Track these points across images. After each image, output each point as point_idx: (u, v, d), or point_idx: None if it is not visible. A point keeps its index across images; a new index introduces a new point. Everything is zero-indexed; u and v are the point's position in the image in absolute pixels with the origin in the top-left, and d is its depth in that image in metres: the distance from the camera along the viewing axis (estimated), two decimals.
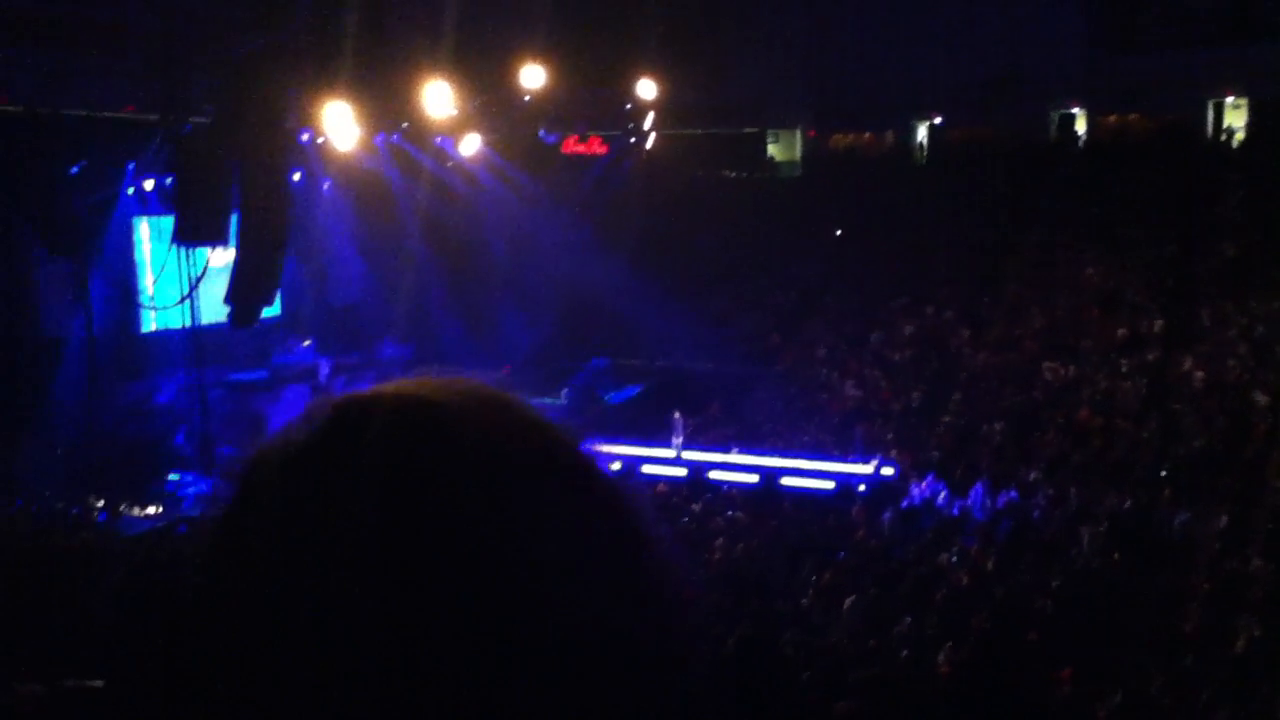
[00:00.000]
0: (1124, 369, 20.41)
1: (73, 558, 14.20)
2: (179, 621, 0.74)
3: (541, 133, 24.79)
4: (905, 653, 11.74)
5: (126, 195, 21.85)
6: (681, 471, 19.24)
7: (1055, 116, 30.82)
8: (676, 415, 20.46)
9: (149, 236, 22.26)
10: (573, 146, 25.64)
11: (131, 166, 21.29)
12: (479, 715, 0.68)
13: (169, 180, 20.44)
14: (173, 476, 19.38)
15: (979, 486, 17.23)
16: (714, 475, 18.97)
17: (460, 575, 0.69)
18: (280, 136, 18.51)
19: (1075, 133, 30.44)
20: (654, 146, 26.03)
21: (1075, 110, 30.64)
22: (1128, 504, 16.14)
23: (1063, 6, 28.91)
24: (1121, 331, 21.53)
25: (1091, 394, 19.94)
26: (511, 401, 0.83)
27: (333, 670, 0.68)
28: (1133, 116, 30.06)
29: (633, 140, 25.74)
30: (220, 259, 19.55)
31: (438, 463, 0.74)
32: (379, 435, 0.75)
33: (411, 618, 0.68)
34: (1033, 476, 17.39)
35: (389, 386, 0.83)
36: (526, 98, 22.78)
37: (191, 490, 18.82)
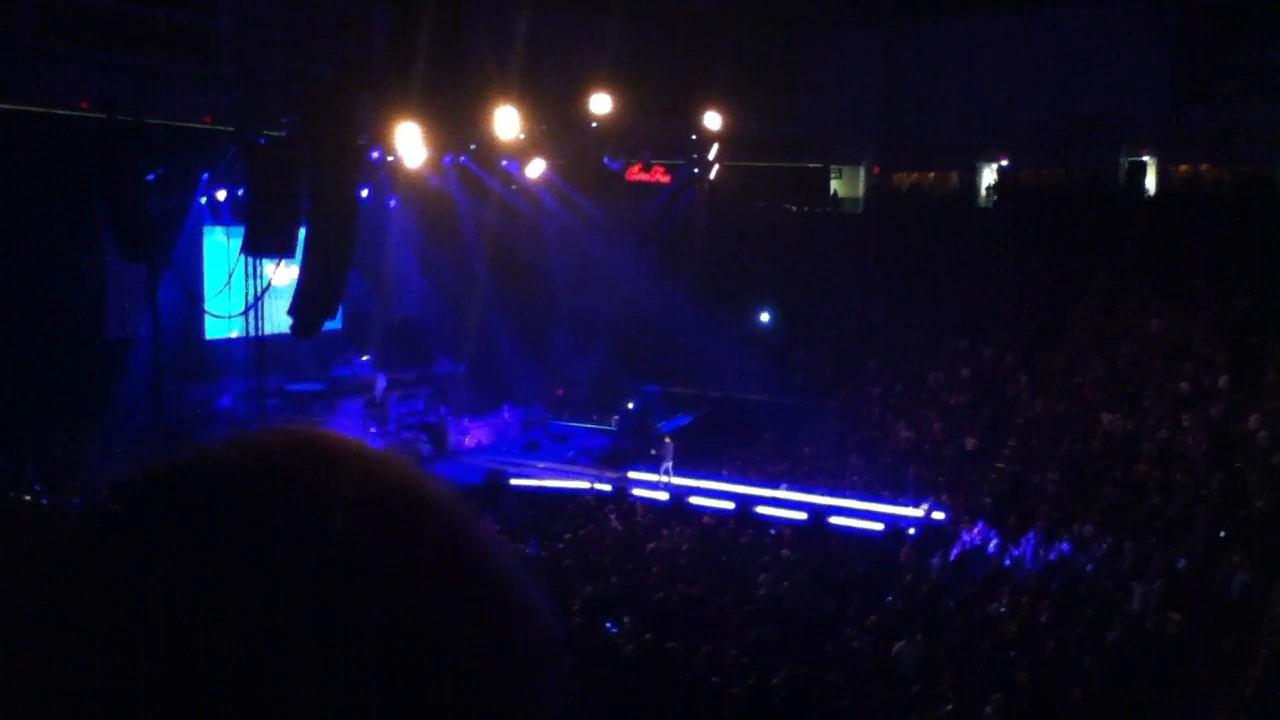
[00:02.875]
0: (1186, 423, 20.02)
1: None
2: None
3: (606, 159, 24.96)
4: (950, 707, 11.57)
5: (199, 204, 22.32)
6: (729, 505, 19.18)
7: (1125, 163, 30.44)
8: (666, 440, 20.37)
9: (218, 245, 22.68)
10: (636, 174, 25.76)
11: (206, 176, 21.76)
12: None
13: (240, 191, 20.87)
14: None
15: (1031, 536, 16.95)
16: (761, 510, 18.88)
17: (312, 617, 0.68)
18: (352, 153, 18.83)
19: (1143, 182, 30.05)
20: (718, 177, 26.09)
21: (1146, 158, 30.25)
22: (1184, 562, 15.79)
23: (1140, 54, 28.59)
24: (1184, 385, 21.13)
25: (1151, 447, 19.58)
26: (347, 447, 0.81)
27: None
28: (1204, 167, 29.64)
29: (696, 170, 25.83)
30: (283, 277, 19.88)
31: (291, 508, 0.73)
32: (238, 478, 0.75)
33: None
34: (1087, 529, 17.08)
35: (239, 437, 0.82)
36: (593, 124, 22.99)
37: None
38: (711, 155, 25.23)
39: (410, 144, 19.81)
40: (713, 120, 24.56)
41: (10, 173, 17.47)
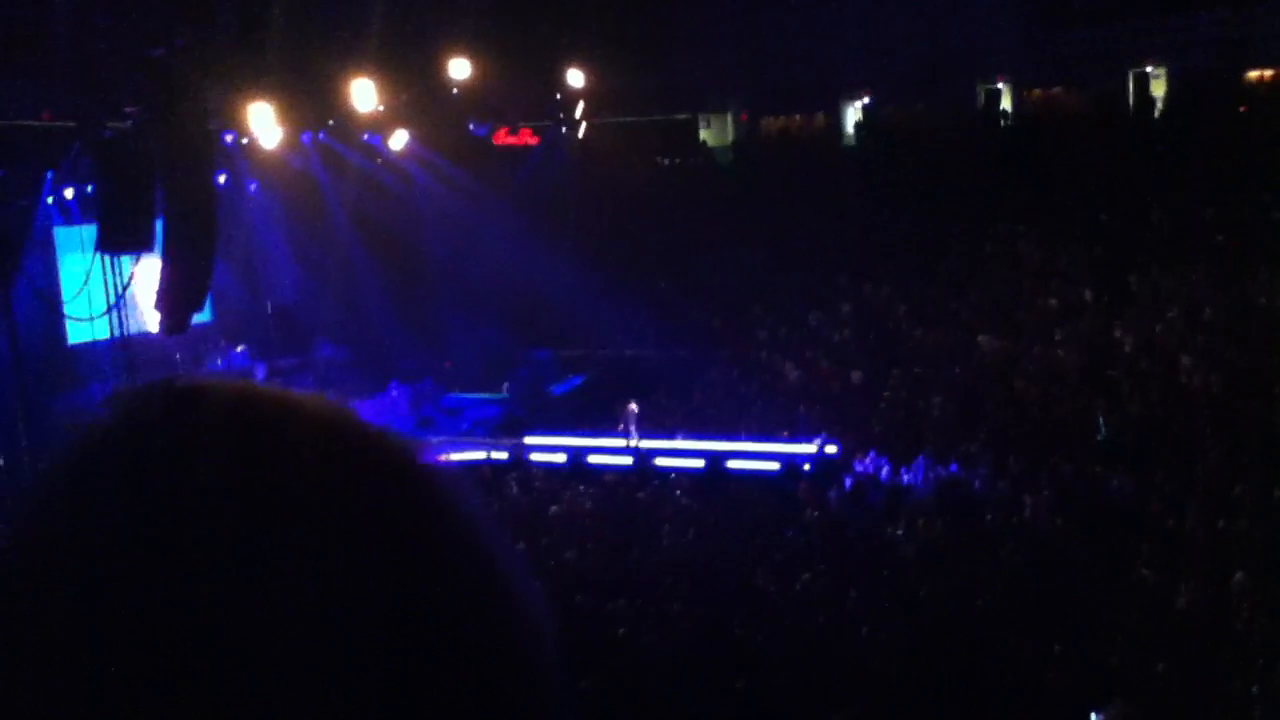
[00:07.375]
0: (1059, 339, 20.73)
1: None
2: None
3: (471, 125, 24.54)
4: (866, 629, 11.83)
5: (46, 204, 21.29)
6: (628, 460, 19.22)
7: (982, 92, 31.13)
8: (632, 406, 20.39)
9: (72, 245, 21.69)
10: (504, 138, 25.42)
11: (51, 175, 20.74)
12: None
13: (90, 188, 19.97)
14: None
15: (921, 460, 17.42)
16: (660, 462, 18.97)
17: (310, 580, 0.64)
18: (204, 138, 18.13)
19: (1000, 109, 30.81)
20: (586, 135, 25.89)
21: (1000, 86, 30.99)
22: (1068, 470, 16.40)
23: None
24: (1054, 302, 21.86)
25: (1028, 365, 20.22)
26: (341, 410, 0.75)
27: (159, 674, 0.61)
28: (1056, 90, 30.60)
29: (564, 130, 25.59)
30: (144, 270, 19.12)
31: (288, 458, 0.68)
32: (227, 425, 0.69)
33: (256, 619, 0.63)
34: (974, 448, 17.60)
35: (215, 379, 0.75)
36: (454, 91, 22.55)
37: None
38: (578, 113, 25.03)
39: (264, 124, 19.16)
40: (576, 78, 24.35)
41: None
